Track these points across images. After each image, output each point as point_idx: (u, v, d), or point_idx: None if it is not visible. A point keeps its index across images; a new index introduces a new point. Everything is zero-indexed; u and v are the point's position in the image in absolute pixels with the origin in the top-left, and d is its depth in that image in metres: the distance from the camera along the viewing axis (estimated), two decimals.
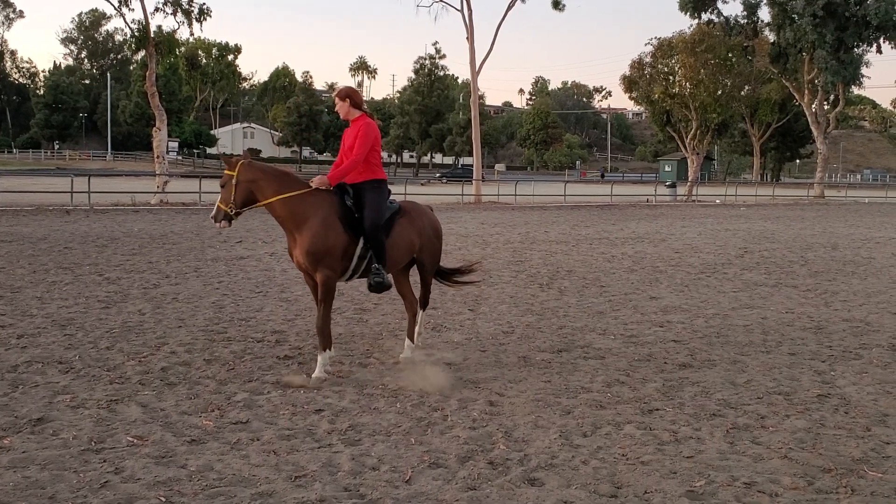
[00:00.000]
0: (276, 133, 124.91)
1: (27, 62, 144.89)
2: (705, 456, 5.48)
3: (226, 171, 7.29)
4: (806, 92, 59.36)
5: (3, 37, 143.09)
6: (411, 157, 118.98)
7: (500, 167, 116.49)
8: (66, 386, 6.72)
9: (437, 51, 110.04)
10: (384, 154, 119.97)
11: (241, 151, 9.39)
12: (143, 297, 10.95)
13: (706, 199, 50.44)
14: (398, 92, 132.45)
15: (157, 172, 36.11)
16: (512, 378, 7.33)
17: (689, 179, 53.97)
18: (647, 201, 45.59)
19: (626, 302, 11.60)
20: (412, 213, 7.74)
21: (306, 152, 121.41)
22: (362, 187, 7.32)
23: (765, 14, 58.94)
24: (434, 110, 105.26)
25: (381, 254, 7.28)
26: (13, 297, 10.68)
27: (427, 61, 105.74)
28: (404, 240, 7.54)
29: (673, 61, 53.71)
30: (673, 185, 52.26)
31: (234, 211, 7.19)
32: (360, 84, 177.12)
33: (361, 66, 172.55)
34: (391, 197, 7.64)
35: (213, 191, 8.39)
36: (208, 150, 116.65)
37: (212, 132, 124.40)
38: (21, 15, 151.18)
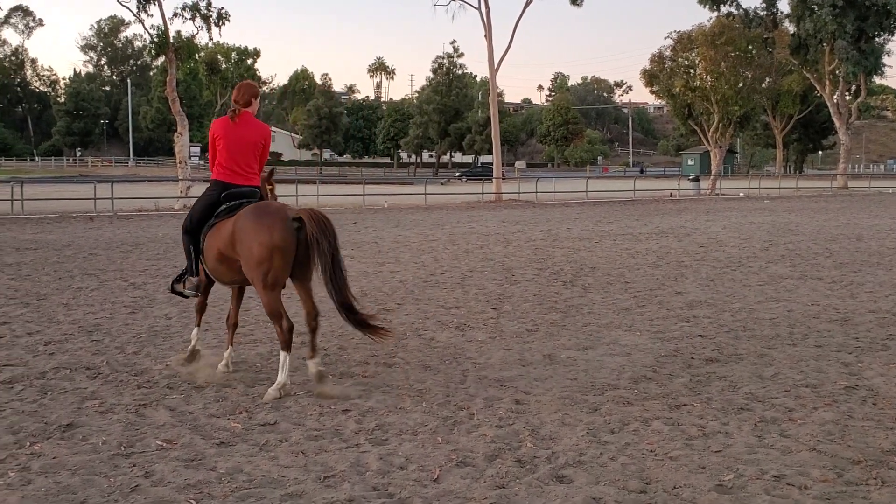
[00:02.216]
0: (297, 136, 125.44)
1: (47, 70, 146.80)
2: (734, 450, 5.45)
3: None
4: (827, 83, 58.90)
5: (23, 45, 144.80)
6: (431, 156, 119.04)
7: (520, 164, 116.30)
8: (95, 391, 6.79)
9: (455, 49, 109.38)
10: (404, 154, 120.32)
11: None
12: (168, 302, 11.04)
13: (730, 192, 50.14)
14: (416, 92, 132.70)
15: (179, 177, 36.38)
16: (537, 376, 7.33)
17: (713, 173, 53.69)
18: (671, 196, 45.37)
19: (651, 298, 11.56)
20: (239, 218, 6.75)
21: (326, 154, 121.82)
22: None
23: (784, 5, 58.57)
24: (453, 109, 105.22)
25: (187, 257, 7.30)
26: (40, 304, 10.80)
27: (445, 60, 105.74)
28: (211, 248, 6.95)
29: (693, 54, 53.48)
30: (696, 179, 52.02)
31: None
32: (378, 85, 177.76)
33: (380, 67, 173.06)
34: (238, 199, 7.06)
35: None
36: None
37: None
38: (40, 23, 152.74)
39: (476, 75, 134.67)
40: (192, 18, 37.95)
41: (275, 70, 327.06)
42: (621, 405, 6.45)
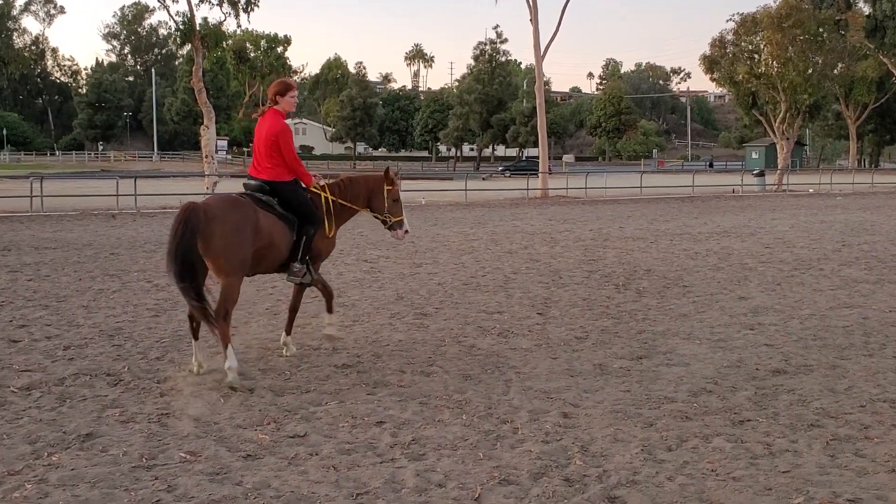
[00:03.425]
0: (329, 128, 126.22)
1: (69, 60, 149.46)
2: (803, 470, 5.37)
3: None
4: None
5: (43, 34, 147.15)
6: (472, 149, 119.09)
7: (568, 158, 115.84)
8: (116, 399, 6.86)
9: (499, 35, 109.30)
10: (443, 148, 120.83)
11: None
12: None
13: (798, 188, 49.52)
14: (457, 81, 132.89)
15: (205, 173, 36.76)
16: (587, 387, 7.28)
17: (779, 167, 53.06)
18: (733, 192, 44.96)
19: (712, 303, 11.44)
20: None
21: (360, 148, 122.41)
22: None
23: None
24: (496, 99, 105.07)
25: None
26: (59, 307, 10.96)
27: (488, 46, 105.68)
28: None
29: (758, 38, 52.79)
30: (761, 174, 51.47)
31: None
32: (416, 74, 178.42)
33: (417, 55, 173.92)
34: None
35: None
36: None
37: None
38: (62, 11, 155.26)
39: (521, 62, 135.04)
40: (220, 4, 38.24)
41: (306, 59, 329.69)
42: (679, 420, 6.39)
